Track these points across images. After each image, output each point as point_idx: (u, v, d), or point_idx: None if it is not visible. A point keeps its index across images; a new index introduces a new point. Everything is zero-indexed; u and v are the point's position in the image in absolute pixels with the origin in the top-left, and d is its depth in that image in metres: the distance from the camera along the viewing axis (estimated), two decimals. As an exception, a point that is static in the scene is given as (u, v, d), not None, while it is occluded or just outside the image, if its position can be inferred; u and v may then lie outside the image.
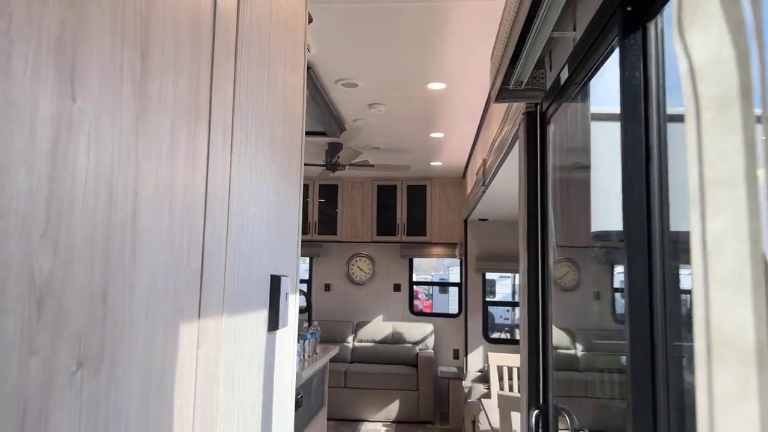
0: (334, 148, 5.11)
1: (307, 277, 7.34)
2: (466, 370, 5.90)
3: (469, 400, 4.70)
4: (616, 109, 1.22)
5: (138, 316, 0.72)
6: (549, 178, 2.04)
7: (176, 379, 0.82)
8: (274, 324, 1.28)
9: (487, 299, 5.96)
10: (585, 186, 1.73)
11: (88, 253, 0.62)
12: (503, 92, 2.07)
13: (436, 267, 21.72)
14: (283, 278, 1.32)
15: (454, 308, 16.90)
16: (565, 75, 1.66)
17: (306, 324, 3.54)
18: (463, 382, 5.61)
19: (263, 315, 1.24)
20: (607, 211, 1.52)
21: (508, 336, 6.83)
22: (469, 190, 5.86)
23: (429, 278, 19.81)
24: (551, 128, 2.00)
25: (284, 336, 1.41)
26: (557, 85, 1.77)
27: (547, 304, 2.00)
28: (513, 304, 6.57)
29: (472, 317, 5.94)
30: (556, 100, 1.86)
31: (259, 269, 1.20)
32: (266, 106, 1.24)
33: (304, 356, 3.57)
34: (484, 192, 4.02)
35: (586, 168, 1.69)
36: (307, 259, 7.38)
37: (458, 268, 18.02)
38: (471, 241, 6.04)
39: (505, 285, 16.87)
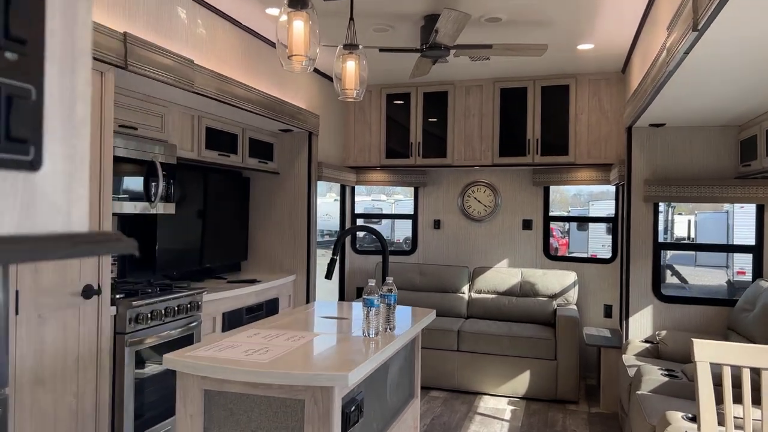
0: (431, 22, 3.51)
1: (411, 211, 5.94)
2: (626, 337, 4.22)
3: (638, 392, 3.08)
4: None
5: None
6: None
7: None
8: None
9: (660, 240, 4.16)
10: None
11: None
12: None
13: (573, 202, 19.29)
14: None
15: (595, 250, 14.77)
16: None
17: (372, 283, 2.12)
18: (624, 356, 3.96)
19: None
20: None
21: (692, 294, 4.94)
22: (635, 83, 3.99)
23: (565, 215, 17.61)
24: None
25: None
26: None
27: None
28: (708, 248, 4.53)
29: (636, 264, 4.20)
30: None
31: None
32: None
33: (368, 332, 2.19)
34: (688, 52, 2.25)
35: None
36: (411, 189, 5.95)
37: (603, 202, 15.65)
38: (637, 158, 4.21)
39: (707, 223, 14.20)
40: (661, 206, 4.38)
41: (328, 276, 2.46)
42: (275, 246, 4.85)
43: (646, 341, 4.06)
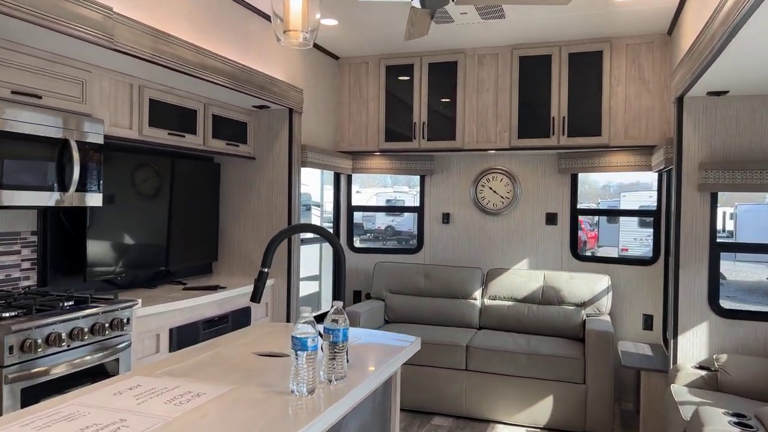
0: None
1: (417, 203, 5.16)
2: (675, 360, 3.38)
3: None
4: None
5: None
6: None
7: None
8: None
9: (719, 240, 3.30)
10: None
11: None
12: None
13: (603, 193, 18.20)
14: None
15: (626, 244, 13.74)
16: None
17: (306, 314, 1.36)
18: (673, 386, 3.13)
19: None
20: None
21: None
22: (687, 44, 3.13)
23: (595, 207, 16.58)
24: None
25: None
26: None
27: None
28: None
29: (687, 270, 3.35)
30: None
31: None
32: None
33: (296, 388, 1.43)
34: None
35: None
36: (416, 178, 5.16)
37: (635, 194, 14.59)
38: (690, 136, 3.35)
39: (748, 216, 12.87)
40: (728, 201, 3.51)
41: (254, 298, 1.71)
42: (251, 244, 4.12)
43: (701, 367, 3.22)
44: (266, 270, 1.71)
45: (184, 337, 3.20)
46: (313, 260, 6.11)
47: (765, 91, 3.15)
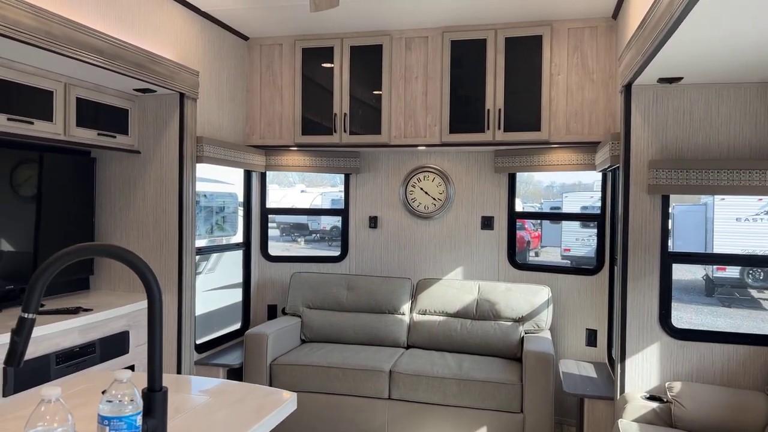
0: None
1: (342, 205, 4.59)
2: (622, 388, 2.95)
3: None
4: None
5: None
6: None
7: None
8: None
9: (671, 249, 2.88)
10: None
11: None
12: None
13: (546, 194, 18.13)
14: None
15: (568, 244, 13.62)
16: None
17: (51, 394, 0.75)
18: (620, 421, 2.68)
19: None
20: None
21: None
22: (635, 24, 2.70)
23: (537, 209, 16.45)
24: None
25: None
26: None
27: None
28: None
29: (636, 282, 2.93)
30: None
31: None
32: None
33: None
34: None
35: None
36: (340, 177, 4.60)
37: (577, 194, 14.52)
38: (639, 130, 2.92)
39: (686, 216, 12.78)
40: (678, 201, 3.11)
41: (10, 360, 1.11)
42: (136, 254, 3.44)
43: (652, 397, 2.79)
44: (29, 316, 1.11)
45: (27, 376, 2.53)
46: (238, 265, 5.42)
47: (721, 79, 2.76)
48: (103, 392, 1.11)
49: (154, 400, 1.18)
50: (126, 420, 0.97)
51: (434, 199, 4.32)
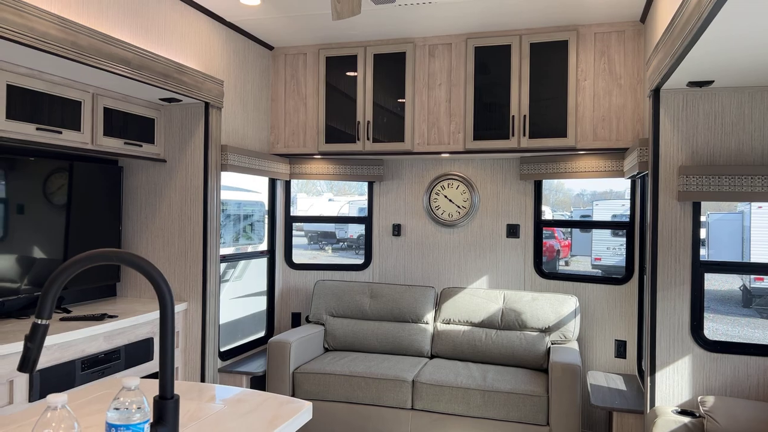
0: None
1: (366, 213, 4.58)
2: (652, 402, 2.85)
3: None
4: None
5: None
6: None
7: None
8: None
9: (703, 258, 2.78)
10: None
11: None
12: None
13: (576, 202, 17.84)
14: None
15: (599, 253, 13.35)
16: None
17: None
18: (654, 429, 2.59)
19: None
20: None
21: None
22: (664, 26, 2.63)
23: (567, 217, 16.18)
24: None
25: None
26: None
27: None
28: None
29: (666, 292, 2.83)
30: None
31: None
32: None
33: None
34: None
35: None
36: (365, 185, 4.59)
37: (608, 202, 14.26)
38: (668, 135, 2.84)
39: (721, 225, 12.43)
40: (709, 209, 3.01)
41: (23, 366, 1.11)
42: (161, 261, 3.50)
43: (683, 412, 2.69)
44: (43, 322, 1.11)
45: (52, 381, 2.57)
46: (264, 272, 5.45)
47: (754, 82, 2.66)
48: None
49: (166, 408, 1.18)
50: (134, 428, 0.97)
51: (458, 206, 4.28)
